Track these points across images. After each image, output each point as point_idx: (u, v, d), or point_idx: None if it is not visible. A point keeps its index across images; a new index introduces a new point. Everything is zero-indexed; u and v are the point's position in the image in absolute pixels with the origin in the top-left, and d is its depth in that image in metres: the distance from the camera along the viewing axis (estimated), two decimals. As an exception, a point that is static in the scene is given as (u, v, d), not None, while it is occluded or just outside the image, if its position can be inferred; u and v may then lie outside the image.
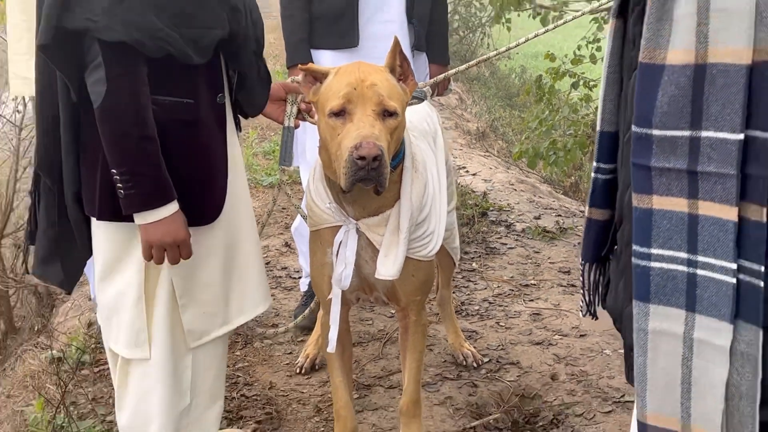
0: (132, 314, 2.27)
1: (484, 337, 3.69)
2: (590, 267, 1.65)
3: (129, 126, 2.01)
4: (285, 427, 3.06)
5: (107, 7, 1.93)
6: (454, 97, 10.09)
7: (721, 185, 1.21)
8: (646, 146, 1.29)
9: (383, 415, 3.10)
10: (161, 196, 2.07)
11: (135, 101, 2.01)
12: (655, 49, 1.26)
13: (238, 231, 2.40)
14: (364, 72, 2.18)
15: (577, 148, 5.45)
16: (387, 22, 3.53)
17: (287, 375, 3.41)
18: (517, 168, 7.00)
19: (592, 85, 5.64)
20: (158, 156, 2.05)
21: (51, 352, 3.56)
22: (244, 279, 2.44)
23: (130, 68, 2.00)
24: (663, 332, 1.34)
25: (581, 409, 3.08)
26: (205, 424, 2.50)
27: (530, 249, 4.77)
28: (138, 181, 2.03)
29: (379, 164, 2.05)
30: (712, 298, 1.26)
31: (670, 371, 1.34)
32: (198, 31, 2.07)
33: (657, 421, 1.39)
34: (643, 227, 1.33)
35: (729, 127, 1.19)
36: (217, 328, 2.39)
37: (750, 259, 1.21)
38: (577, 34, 8.38)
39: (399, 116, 2.17)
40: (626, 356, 1.53)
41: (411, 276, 2.49)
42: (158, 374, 2.33)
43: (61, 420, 2.97)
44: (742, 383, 1.24)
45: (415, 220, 2.38)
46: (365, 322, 3.85)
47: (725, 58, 1.18)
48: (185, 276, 2.28)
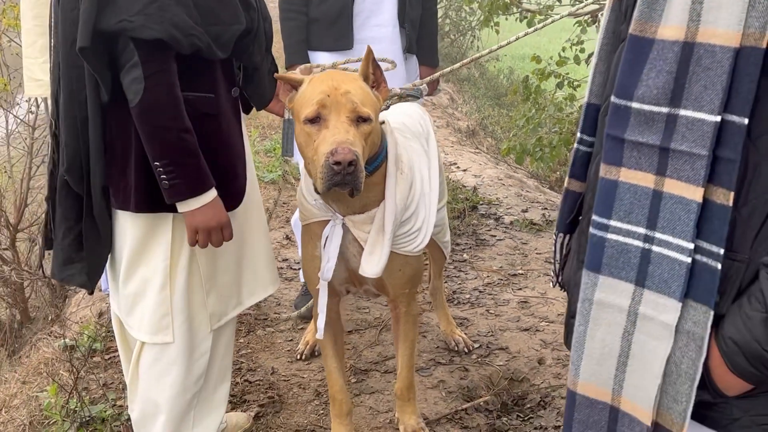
0: (157, 300, 2.27)
1: (474, 324, 3.69)
2: (563, 238, 1.60)
3: (168, 120, 2.01)
4: (286, 410, 3.06)
5: (142, 7, 1.93)
6: (445, 96, 10.07)
7: (690, 165, 1.18)
8: (623, 118, 1.25)
9: (380, 398, 3.10)
10: (203, 183, 2.09)
11: (172, 96, 2.01)
12: (647, 23, 1.21)
13: (250, 217, 2.42)
14: (337, 80, 2.16)
15: (562, 145, 5.44)
16: (380, 26, 3.55)
17: (288, 361, 3.41)
18: (506, 164, 7.00)
19: (576, 85, 5.64)
20: (196, 146, 2.06)
21: (64, 341, 3.55)
22: (254, 262, 2.46)
23: (164, 65, 2.00)
24: (608, 304, 1.30)
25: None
26: (214, 402, 2.51)
27: (518, 240, 4.76)
28: (181, 172, 2.04)
29: (354, 169, 2.03)
30: (663, 275, 1.23)
31: (609, 343, 1.31)
32: (220, 27, 2.08)
33: (587, 390, 1.37)
34: (605, 198, 1.29)
35: (708, 108, 1.15)
36: (232, 309, 2.42)
37: (710, 241, 1.18)
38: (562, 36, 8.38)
39: (372, 122, 2.16)
40: (566, 323, 1.49)
41: (398, 270, 2.48)
42: (173, 358, 2.32)
43: (73, 405, 2.97)
44: (683, 361, 1.22)
45: (400, 219, 2.37)
46: (362, 311, 3.84)
47: (713, 39, 1.14)
48: (209, 262, 2.29)
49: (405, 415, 2.79)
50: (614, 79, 1.33)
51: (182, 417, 2.40)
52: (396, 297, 2.58)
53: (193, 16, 2.00)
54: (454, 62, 11.82)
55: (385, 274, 2.45)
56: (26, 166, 4.71)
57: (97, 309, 3.89)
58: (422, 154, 2.65)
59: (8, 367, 3.92)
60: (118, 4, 1.94)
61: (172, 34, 1.95)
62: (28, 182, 4.77)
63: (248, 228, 2.42)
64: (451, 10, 13.53)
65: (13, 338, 4.50)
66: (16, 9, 4.48)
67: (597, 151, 1.40)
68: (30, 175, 4.74)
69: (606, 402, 1.35)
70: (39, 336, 3.93)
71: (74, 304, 4.20)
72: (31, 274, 4.50)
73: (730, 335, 1.19)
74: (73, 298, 4.35)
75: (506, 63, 13.08)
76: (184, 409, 2.40)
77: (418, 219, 2.45)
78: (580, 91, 5.78)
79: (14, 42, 4.89)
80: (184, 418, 2.42)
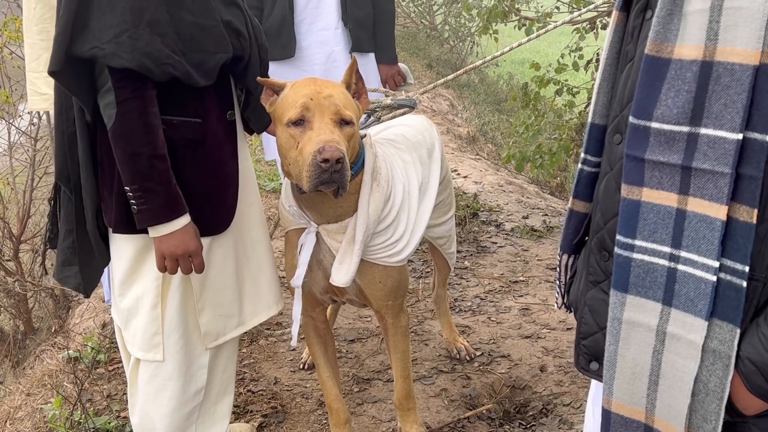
0: (148, 318, 2.28)
1: (476, 332, 3.69)
2: (567, 258, 1.60)
3: (139, 146, 2.02)
4: (290, 420, 3.07)
5: (114, 36, 1.94)
6: (445, 102, 10.09)
7: (713, 183, 1.17)
8: (642, 138, 1.24)
9: (382, 407, 3.11)
10: (171, 211, 2.08)
11: (144, 123, 2.01)
12: (663, 43, 1.21)
13: (250, 237, 2.42)
14: (320, 85, 2.19)
15: (561, 151, 5.46)
16: (321, 30, 3.71)
17: (291, 371, 3.42)
18: (506, 170, 7.01)
19: (575, 91, 5.65)
20: (168, 173, 2.06)
21: (68, 352, 3.56)
22: (256, 282, 2.45)
23: (138, 92, 2.00)
24: (637, 323, 1.30)
25: (569, 399, 3.09)
26: (216, 416, 2.51)
27: (519, 247, 4.77)
28: (149, 198, 2.05)
29: (341, 166, 2.06)
30: (690, 294, 1.22)
31: (640, 362, 1.31)
32: (202, 55, 2.08)
33: (621, 409, 1.36)
34: (629, 218, 1.28)
35: (729, 126, 1.14)
36: (232, 329, 2.41)
37: (734, 259, 1.18)
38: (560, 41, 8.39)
39: (354, 125, 2.19)
40: (576, 345, 1.49)
41: (378, 282, 2.48)
42: (169, 374, 2.33)
43: (78, 416, 2.98)
44: (711, 380, 1.22)
45: (373, 230, 2.37)
46: (364, 319, 3.85)
47: (732, 57, 1.13)
48: (201, 281, 2.29)
49: (407, 425, 2.79)
50: (623, 98, 1.33)
51: (183, 431, 2.41)
52: (379, 308, 2.58)
53: (170, 45, 2.00)
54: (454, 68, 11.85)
55: (364, 285, 2.47)
56: (29, 177, 4.73)
57: (101, 320, 3.90)
58: (414, 166, 2.65)
59: (12, 378, 3.93)
60: (91, 31, 1.96)
61: (143, 63, 1.95)
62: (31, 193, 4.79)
63: (249, 247, 2.42)
64: (450, 16, 13.57)
65: (16, 349, 4.51)
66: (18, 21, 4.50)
67: (604, 171, 1.40)
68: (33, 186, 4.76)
69: (640, 421, 1.35)
70: (43, 347, 3.94)
71: (77, 315, 4.21)
72: (34, 285, 4.52)
73: (747, 355, 1.19)
74: (77, 309, 4.36)
75: (506, 68, 13.10)
76: (183, 424, 2.40)
77: (396, 231, 2.44)
78: (579, 97, 5.79)
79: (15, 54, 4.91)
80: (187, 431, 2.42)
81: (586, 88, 5.69)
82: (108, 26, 1.94)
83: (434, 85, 3.03)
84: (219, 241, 2.29)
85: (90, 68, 2.03)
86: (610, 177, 1.37)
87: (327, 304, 2.66)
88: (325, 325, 2.71)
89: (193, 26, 2.05)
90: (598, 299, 1.42)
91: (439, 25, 14.03)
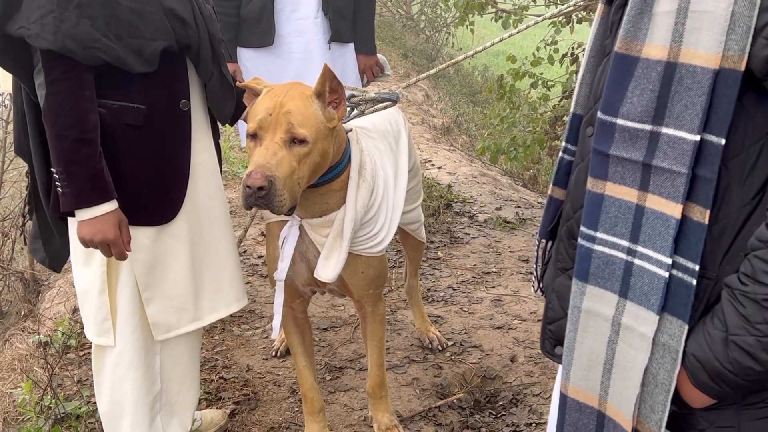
0: (97, 304, 2.28)
1: (448, 322, 3.72)
2: (545, 244, 1.62)
3: (64, 128, 2.00)
4: (262, 407, 3.07)
5: (40, 17, 1.92)
6: (420, 93, 10.08)
7: (671, 182, 1.20)
8: (608, 134, 1.27)
9: (354, 395, 3.13)
10: (93, 196, 2.06)
11: (72, 105, 2.00)
12: (632, 41, 1.23)
13: (210, 232, 2.38)
14: (285, 96, 2.15)
15: (535, 144, 5.48)
16: (301, 19, 3.69)
17: (263, 358, 3.42)
18: (480, 161, 7.04)
19: (550, 85, 5.67)
20: (93, 158, 2.04)
21: (38, 337, 3.54)
22: (217, 278, 2.42)
23: (68, 73, 1.99)
24: (595, 313, 1.34)
25: (539, 389, 3.13)
26: (178, 408, 2.51)
27: (492, 238, 4.81)
28: (71, 181, 2.03)
29: (266, 193, 2.02)
30: (644, 288, 1.26)
31: (596, 350, 1.35)
32: (140, 41, 2.06)
33: (577, 395, 1.40)
34: (592, 210, 1.32)
35: (688, 127, 1.17)
36: (186, 324, 2.38)
37: (686, 257, 1.21)
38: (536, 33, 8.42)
39: (309, 144, 2.12)
40: (543, 329, 1.53)
41: (360, 272, 2.50)
42: (129, 362, 2.34)
43: (48, 401, 2.96)
44: (660, 372, 1.25)
45: (359, 224, 2.38)
46: (337, 308, 3.87)
47: (695, 60, 1.16)
48: (147, 272, 2.27)
49: (378, 413, 2.82)
50: (597, 92, 1.36)
51: (149, 420, 2.42)
52: (360, 298, 2.60)
53: (101, 29, 1.98)
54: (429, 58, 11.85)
55: (347, 276, 2.48)
56: (-1, 160, 4.67)
57: (71, 305, 3.87)
58: (388, 154, 2.67)
59: (-20, 362, 3.88)
60: (22, 11, 1.95)
61: (66, 46, 1.94)
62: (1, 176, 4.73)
63: (209, 242, 2.39)
64: (426, 6, 13.54)
65: (-15, 333, 4.46)
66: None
67: (577, 162, 1.42)
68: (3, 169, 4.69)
69: (594, 407, 1.38)
70: (12, 331, 3.90)
71: (48, 299, 4.17)
72: (3, 269, 4.46)
73: (693, 352, 1.22)
74: (47, 294, 4.32)
75: (481, 60, 13.11)
76: (149, 414, 2.41)
77: (378, 222, 2.46)
78: (554, 91, 5.82)
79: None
80: (153, 421, 2.44)
81: (560, 82, 5.72)
82: (36, 7, 1.93)
83: (417, 79, 3.03)
84: (170, 232, 2.27)
85: (27, 48, 2.02)
86: (581, 168, 1.40)
87: (308, 296, 2.67)
88: (304, 315, 2.73)
89: (131, 12, 2.03)
90: (565, 286, 1.45)
91: (416, 15, 14.01)
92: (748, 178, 1.19)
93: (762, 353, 1.14)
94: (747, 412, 1.26)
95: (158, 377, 2.41)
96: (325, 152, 2.21)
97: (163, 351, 2.39)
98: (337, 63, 3.76)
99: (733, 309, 1.17)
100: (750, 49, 1.13)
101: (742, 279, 1.16)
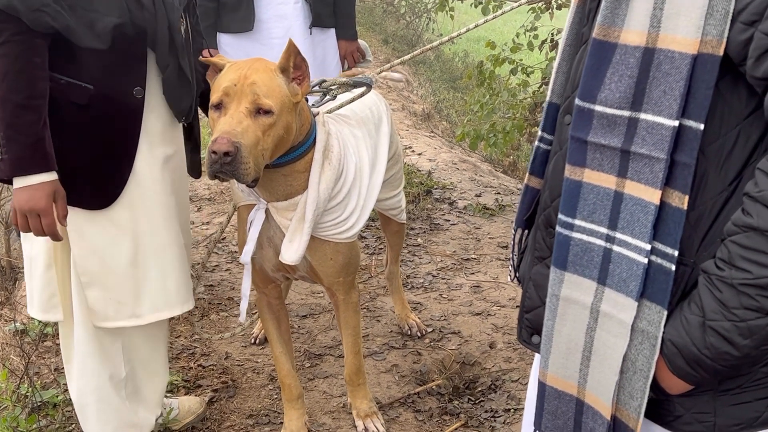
0: (43, 280, 2.26)
1: (428, 309, 3.72)
2: (521, 233, 1.62)
3: (9, 92, 1.97)
4: (240, 394, 3.06)
5: None
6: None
7: (649, 168, 1.20)
8: (586, 120, 1.27)
9: (333, 382, 3.12)
10: (30, 164, 2.02)
11: (20, 69, 1.96)
12: (610, 27, 1.22)
13: (159, 227, 2.34)
14: (249, 69, 2.14)
15: (515, 130, 5.49)
16: (281, 4, 3.66)
17: (242, 346, 3.41)
18: (460, 148, 7.03)
19: (529, 71, 5.68)
20: (36, 125, 2.00)
21: (14, 325, 3.51)
22: (163, 278, 2.36)
23: (18, 36, 1.95)
24: (573, 300, 1.34)
25: (517, 375, 3.14)
26: (145, 395, 2.50)
27: (471, 225, 4.81)
28: (10, 147, 2.00)
29: (231, 160, 2.00)
30: (622, 274, 1.26)
31: (574, 338, 1.35)
32: (92, 14, 2.03)
33: (556, 383, 1.40)
34: (570, 198, 1.31)
35: (666, 113, 1.17)
36: (125, 319, 2.33)
37: (665, 243, 1.21)
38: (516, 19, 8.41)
39: (274, 114, 2.11)
40: (520, 318, 1.53)
41: (329, 259, 2.49)
42: (86, 349, 2.33)
43: (24, 390, 2.94)
44: (638, 359, 1.25)
45: (323, 208, 2.36)
46: (317, 295, 3.86)
47: (673, 45, 1.16)
48: (84, 255, 2.24)
49: (357, 400, 2.81)
50: (575, 80, 1.35)
51: (116, 405, 2.41)
52: (331, 285, 2.58)
53: None
54: (410, 44, 11.82)
55: (315, 263, 2.47)
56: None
57: (48, 292, 3.83)
58: (365, 141, 2.65)
59: (-44, 351, 3.84)
60: None
61: (12, 5, 1.91)
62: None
63: (157, 239, 2.33)
64: (407, -9, 13.50)
65: (-40, 321, 4.41)
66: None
67: (555, 150, 1.42)
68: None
69: (572, 394, 1.39)
70: (-12, 320, 3.86)
71: (25, 287, 4.13)
72: (-21, 257, 4.42)
73: (670, 337, 1.22)
74: (23, 282, 4.28)
75: (461, 46, 13.11)
76: (114, 398, 2.40)
77: (347, 207, 2.44)
78: (533, 77, 5.82)
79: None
80: (120, 406, 2.43)
81: (540, 68, 5.73)
82: None
83: (392, 65, 3.01)
84: (110, 219, 2.23)
85: None
86: (559, 156, 1.39)
87: (280, 281, 2.66)
88: (279, 301, 2.71)
89: None
90: (542, 274, 1.45)
91: (396, 0, 13.97)
92: (724, 165, 1.19)
93: (738, 338, 1.15)
94: (723, 398, 1.27)
95: (122, 364, 2.40)
96: (289, 126, 2.19)
97: (123, 337, 2.37)
98: (318, 48, 3.74)
99: (709, 294, 1.17)
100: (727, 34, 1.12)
101: (718, 264, 1.16)
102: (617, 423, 1.32)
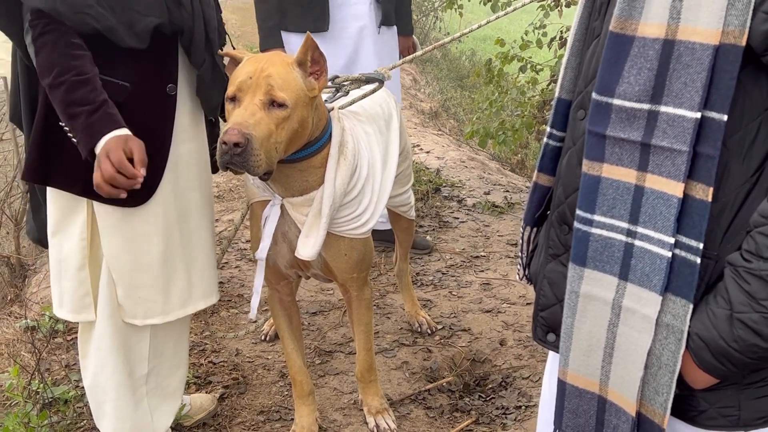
0: (76, 281, 2.24)
1: (438, 306, 3.72)
2: (530, 231, 1.60)
3: (59, 76, 1.96)
4: (251, 391, 3.06)
5: None
6: (408, 77, 10.06)
7: (671, 161, 1.19)
8: (604, 115, 1.25)
9: (344, 379, 3.12)
10: (100, 127, 1.99)
11: (61, 53, 1.96)
12: (627, 20, 1.21)
13: (186, 223, 2.33)
14: (266, 62, 2.13)
15: (524, 128, 5.48)
16: (356, 3, 3.67)
17: (253, 342, 3.41)
18: (468, 146, 7.03)
19: (538, 69, 5.67)
20: (92, 95, 1.98)
21: (25, 321, 3.51)
22: (188, 272, 2.36)
23: (51, 26, 1.96)
24: (594, 297, 1.32)
25: (528, 372, 3.14)
26: (168, 389, 2.49)
27: (480, 223, 4.80)
28: (76, 123, 1.98)
29: (242, 151, 1.99)
30: (645, 269, 1.24)
31: (595, 335, 1.33)
32: (132, 15, 2.03)
33: (576, 380, 1.39)
34: (589, 193, 1.30)
35: (688, 105, 1.16)
36: (154, 317, 2.32)
37: (689, 236, 1.20)
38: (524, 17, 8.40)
39: (288, 108, 2.10)
40: (534, 317, 1.51)
41: (344, 255, 2.48)
42: (109, 347, 2.31)
43: (36, 386, 2.94)
44: (664, 354, 1.24)
45: (339, 203, 2.35)
46: (326, 292, 3.85)
47: (693, 37, 1.14)
48: (115, 254, 2.22)
49: (368, 397, 2.81)
50: (587, 74, 1.34)
51: (134, 404, 2.40)
52: (344, 282, 2.58)
53: None
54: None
55: (329, 259, 2.46)
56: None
57: (59, 289, 3.84)
58: (376, 137, 2.65)
59: (-33, 347, 3.85)
60: None
61: (55, 7, 1.91)
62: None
63: (185, 234, 2.32)
64: (414, -10, 13.48)
65: (-29, 318, 4.42)
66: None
67: (567, 146, 1.40)
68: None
69: (594, 392, 1.37)
70: (-1, 316, 3.87)
71: (35, 284, 4.14)
72: (-11, 254, 4.43)
73: (696, 331, 1.21)
74: (33, 279, 4.29)
75: (468, 44, 13.10)
76: (131, 397, 2.38)
77: (362, 203, 2.44)
78: (542, 74, 5.81)
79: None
80: (138, 405, 2.41)
81: (549, 66, 5.71)
82: None
83: (403, 62, 3.01)
84: (143, 217, 2.21)
85: (20, 7, 2.00)
86: (573, 152, 1.38)
87: (292, 278, 2.65)
88: (291, 298, 2.71)
89: None
90: (557, 272, 1.43)
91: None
92: (747, 156, 1.18)
93: (767, 329, 1.14)
94: (747, 391, 1.26)
95: (145, 361, 2.38)
96: (304, 121, 2.18)
97: (151, 333, 2.37)
98: (386, 45, 3.80)
99: (737, 286, 1.16)
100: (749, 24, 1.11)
101: (745, 256, 1.15)
102: (642, 419, 1.30)
